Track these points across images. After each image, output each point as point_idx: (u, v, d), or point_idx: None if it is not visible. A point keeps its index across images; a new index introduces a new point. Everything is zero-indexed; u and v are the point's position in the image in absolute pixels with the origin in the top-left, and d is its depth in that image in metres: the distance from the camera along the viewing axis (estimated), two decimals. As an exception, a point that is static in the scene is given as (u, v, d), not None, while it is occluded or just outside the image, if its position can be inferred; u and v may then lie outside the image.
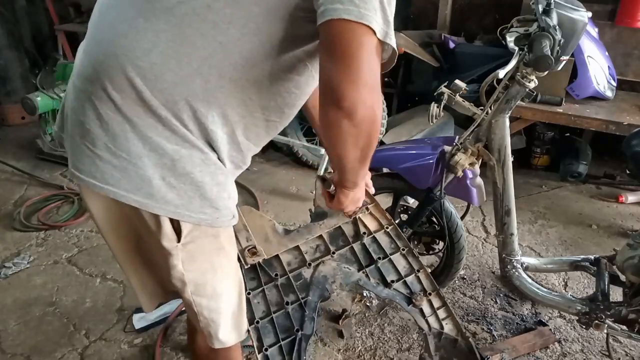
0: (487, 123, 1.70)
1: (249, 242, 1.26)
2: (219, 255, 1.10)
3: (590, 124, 2.63)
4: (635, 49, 3.17)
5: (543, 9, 1.48)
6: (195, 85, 0.92)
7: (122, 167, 0.94)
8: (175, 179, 0.96)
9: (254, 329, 1.18)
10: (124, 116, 0.92)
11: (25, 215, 2.69)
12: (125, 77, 0.90)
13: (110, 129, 0.93)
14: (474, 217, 2.76)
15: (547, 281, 2.28)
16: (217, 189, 1.02)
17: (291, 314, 1.21)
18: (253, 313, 1.20)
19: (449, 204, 1.89)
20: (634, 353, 1.89)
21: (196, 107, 0.93)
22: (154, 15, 0.90)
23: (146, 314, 2.00)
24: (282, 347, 1.18)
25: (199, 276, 1.09)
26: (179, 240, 1.01)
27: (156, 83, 0.90)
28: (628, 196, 2.93)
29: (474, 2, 3.60)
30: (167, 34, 0.89)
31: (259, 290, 1.23)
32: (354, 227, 1.35)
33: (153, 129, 0.93)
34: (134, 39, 0.90)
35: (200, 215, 1.01)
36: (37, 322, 2.03)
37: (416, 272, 1.32)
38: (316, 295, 1.25)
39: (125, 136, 0.93)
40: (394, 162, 1.86)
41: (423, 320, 1.29)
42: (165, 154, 0.94)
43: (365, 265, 1.30)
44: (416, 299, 1.28)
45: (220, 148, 1.00)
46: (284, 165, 3.45)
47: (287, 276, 1.25)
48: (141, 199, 0.96)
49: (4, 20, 3.72)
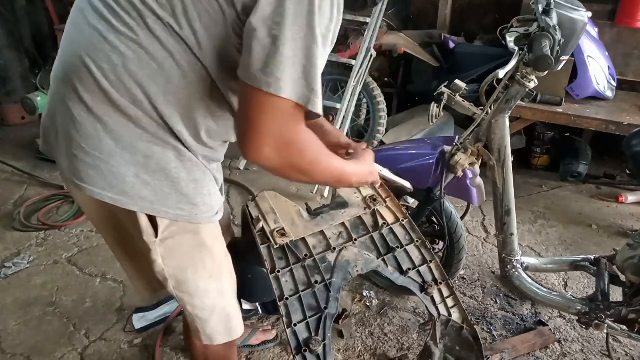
0: (487, 123, 1.69)
1: (277, 224, 1.32)
2: (201, 252, 1.11)
3: (590, 124, 2.63)
4: (635, 49, 3.17)
5: (543, 9, 1.48)
6: (155, 87, 0.93)
7: (96, 165, 0.97)
8: (149, 176, 0.98)
9: (284, 305, 1.24)
10: (95, 116, 0.95)
11: (25, 215, 2.69)
12: (92, 78, 0.93)
13: (83, 129, 0.95)
14: (474, 217, 2.76)
15: (547, 281, 2.28)
16: (194, 185, 1.03)
17: (317, 293, 1.27)
18: (282, 290, 1.25)
19: (449, 204, 1.89)
20: (634, 353, 1.89)
21: (159, 107, 0.95)
22: (114, 18, 0.92)
23: (146, 314, 2.00)
24: (309, 323, 1.23)
25: (179, 272, 1.11)
26: (157, 236, 1.04)
27: (120, 84, 0.92)
28: (628, 196, 2.93)
29: (474, 2, 3.60)
30: (127, 36, 0.91)
31: (287, 270, 1.29)
32: (373, 218, 1.42)
33: (124, 128, 0.95)
34: (98, 41, 0.92)
35: (177, 212, 1.03)
36: (37, 322, 2.03)
37: (428, 262, 1.38)
38: (340, 277, 1.30)
39: (98, 136, 0.95)
40: (394, 162, 1.85)
41: (433, 307, 1.35)
42: (137, 152, 0.97)
43: (384, 254, 1.36)
44: (428, 287, 1.34)
45: (191, 146, 1.02)
46: (284, 165, 3.44)
47: (313, 258, 1.31)
48: (115, 196, 0.98)
49: (4, 20, 3.72)
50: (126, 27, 0.90)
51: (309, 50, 0.86)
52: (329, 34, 0.89)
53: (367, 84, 3.16)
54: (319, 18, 0.85)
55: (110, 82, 0.92)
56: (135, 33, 0.90)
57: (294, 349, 1.19)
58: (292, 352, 1.19)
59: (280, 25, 0.83)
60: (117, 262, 1.26)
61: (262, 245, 1.30)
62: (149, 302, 2.02)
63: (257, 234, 1.32)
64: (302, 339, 1.20)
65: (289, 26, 0.83)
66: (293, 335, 1.21)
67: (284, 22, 0.83)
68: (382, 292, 2.19)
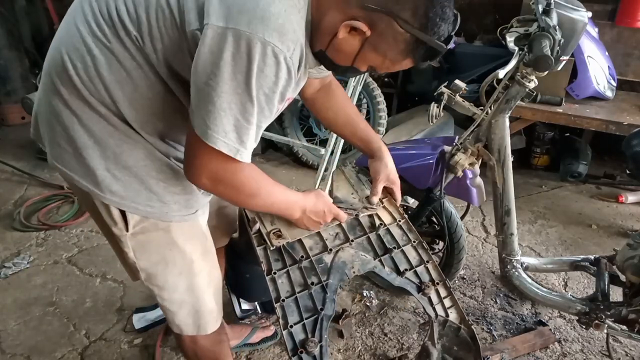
0: (487, 123, 1.69)
1: (274, 226, 1.31)
2: (171, 250, 1.13)
3: (590, 124, 2.63)
4: (635, 49, 3.17)
5: (543, 9, 1.48)
6: (121, 93, 0.96)
7: (75, 155, 1.01)
8: (119, 172, 1.02)
9: (280, 307, 1.23)
10: (70, 110, 0.99)
11: (25, 215, 2.69)
12: (67, 75, 0.96)
13: (61, 120, 1.00)
14: (474, 217, 2.76)
15: (547, 281, 2.28)
16: (165, 184, 1.06)
17: (314, 294, 1.27)
18: (278, 292, 1.25)
19: (449, 204, 1.89)
20: (634, 353, 1.89)
21: (124, 111, 0.98)
22: (94, 23, 0.95)
23: (146, 314, 2.00)
24: (306, 325, 1.23)
25: (149, 266, 1.14)
26: (128, 230, 1.07)
27: (90, 84, 0.96)
28: (628, 196, 2.93)
29: (474, 2, 3.60)
30: (101, 42, 0.94)
31: (283, 271, 1.29)
32: (370, 219, 1.42)
33: (97, 124, 0.99)
34: (77, 42, 0.96)
35: (147, 208, 1.06)
36: (37, 322, 2.03)
37: (425, 263, 1.38)
38: (336, 278, 1.30)
39: (73, 127, 0.99)
40: (394, 162, 1.86)
41: (430, 307, 1.35)
42: (108, 147, 1.00)
43: (381, 254, 1.36)
44: (425, 287, 1.34)
45: (160, 148, 1.05)
46: (284, 165, 3.45)
47: (309, 259, 1.31)
48: (89, 186, 1.03)
49: (4, 20, 3.72)
50: (102, 33, 0.94)
51: (244, 107, 0.88)
52: (274, 95, 0.90)
53: (367, 84, 3.16)
54: (258, 80, 0.86)
55: (82, 81, 0.96)
56: (109, 40, 0.93)
57: (290, 350, 1.18)
58: (288, 353, 1.18)
59: (217, 77, 0.85)
60: (117, 262, 1.26)
61: (259, 247, 1.29)
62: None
63: (254, 235, 1.31)
64: (298, 340, 1.20)
65: (225, 79, 0.85)
66: (289, 337, 1.20)
67: (221, 74, 0.85)
68: (382, 292, 2.19)
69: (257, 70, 0.85)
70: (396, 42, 0.90)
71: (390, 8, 0.86)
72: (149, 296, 2.07)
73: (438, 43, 0.90)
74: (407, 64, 0.97)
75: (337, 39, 0.92)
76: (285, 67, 0.87)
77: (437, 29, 0.89)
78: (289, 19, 0.86)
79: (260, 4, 0.84)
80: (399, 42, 0.90)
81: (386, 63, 0.96)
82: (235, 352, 1.85)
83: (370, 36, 0.90)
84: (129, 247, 1.11)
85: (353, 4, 0.88)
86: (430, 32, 0.88)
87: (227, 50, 0.84)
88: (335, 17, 0.90)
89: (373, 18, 0.88)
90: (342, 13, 0.90)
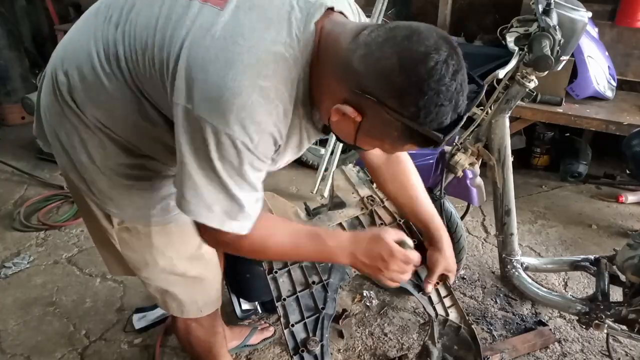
0: (487, 123, 1.70)
1: None
2: (152, 253, 1.15)
3: (590, 124, 2.63)
4: (635, 49, 3.17)
5: (543, 9, 1.48)
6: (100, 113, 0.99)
7: (66, 149, 1.05)
8: (102, 173, 1.05)
9: (281, 306, 1.24)
10: (63, 112, 1.02)
11: (25, 215, 2.69)
12: (62, 80, 1.00)
13: (55, 118, 1.04)
14: (474, 217, 2.76)
15: (547, 281, 2.28)
16: (151, 189, 1.08)
17: (315, 294, 1.27)
18: (280, 291, 1.26)
19: (449, 204, 1.89)
20: (634, 353, 1.89)
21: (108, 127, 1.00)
22: (94, 41, 0.97)
23: (146, 314, 2.00)
24: (307, 324, 1.24)
25: (133, 260, 1.17)
26: (113, 226, 1.11)
27: (77, 94, 0.99)
28: (628, 196, 2.92)
29: (474, 2, 3.59)
30: (93, 62, 0.96)
31: (284, 270, 1.29)
32: (370, 218, 1.42)
33: (81, 126, 1.02)
34: (76, 51, 0.99)
35: (128, 212, 1.09)
36: (37, 322, 2.03)
37: (425, 262, 1.37)
38: (337, 278, 1.30)
39: (64, 126, 1.03)
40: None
41: (431, 306, 1.35)
42: (93, 148, 1.03)
43: None
44: (425, 287, 1.33)
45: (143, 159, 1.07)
46: (284, 165, 3.45)
47: None
48: (76, 180, 1.08)
49: (4, 20, 3.71)
50: (97, 54, 0.96)
51: (220, 184, 0.88)
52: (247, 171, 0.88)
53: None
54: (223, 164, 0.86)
55: (70, 91, 0.99)
56: (102, 65, 0.95)
57: (292, 349, 1.19)
58: (290, 352, 1.19)
59: (189, 156, 0.87)
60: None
61: None
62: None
63: None
64: (299, 339, 1.21)
65: (194, 160, 0.86)
66: (290, 336, 1.21)
67: (190, 154, 0.86)
68: (382, 292, 2.19)
69: (218, 156, 0.85)
70: (389, 129, 0.82)
71: (377, 94, 0.79)
72: (148, 296, 2.07)
73: (434, 133, 0.80)
74: (410, 149, 0.89)
75: (331, 121, 0.88)
76: (248, 151, 0.85)
77: (434, 116, 0.78)
78: (256, 112, 0.82)
79: (225, 95, 0.81)
80: (391, 130, 0.82)
81: (386, 147, 0.92)
82: (235, 353, 1.85)
83: (362, 121, 0.84)
84: (115, 240, 1.14)
85: (345, 87, 0.83)
86: (422, 120, 0.78)
87: (194, 133, 0.84)
88: (329, 98, 0.86)
89: (362, 104, 0.81)
90: (335, 95, 0.84)
